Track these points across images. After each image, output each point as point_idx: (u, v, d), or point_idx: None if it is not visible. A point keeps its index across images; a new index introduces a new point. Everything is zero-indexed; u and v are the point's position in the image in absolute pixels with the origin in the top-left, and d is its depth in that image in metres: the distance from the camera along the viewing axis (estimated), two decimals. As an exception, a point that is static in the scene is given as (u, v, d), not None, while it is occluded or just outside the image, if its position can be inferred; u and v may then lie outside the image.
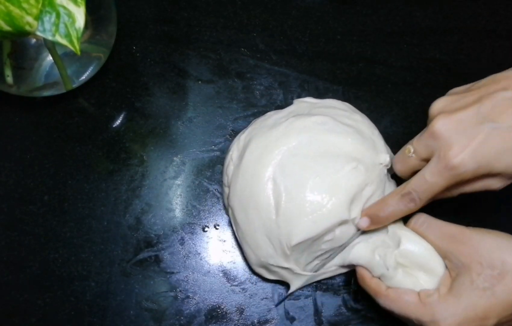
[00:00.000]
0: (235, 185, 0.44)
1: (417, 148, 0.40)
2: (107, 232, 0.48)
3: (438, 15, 0.57)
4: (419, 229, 0.41)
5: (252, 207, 0.42)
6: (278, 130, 0.43)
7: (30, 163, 0.49)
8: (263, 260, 0.43)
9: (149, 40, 0.54)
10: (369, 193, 0.42)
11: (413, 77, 0.54)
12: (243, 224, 0.43)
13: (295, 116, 0.44)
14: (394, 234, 0.42)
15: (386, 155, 0.44)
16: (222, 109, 0.52)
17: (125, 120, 0.51)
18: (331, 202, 0.40)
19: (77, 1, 0.39)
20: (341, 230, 0.41)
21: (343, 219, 0.41)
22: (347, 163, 0.42)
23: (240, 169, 0.43)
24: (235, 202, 0.44)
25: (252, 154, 0.43)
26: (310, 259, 0.43)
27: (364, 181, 0.42)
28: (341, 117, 0.45)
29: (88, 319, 0.45)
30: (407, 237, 0.41)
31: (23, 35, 0.38)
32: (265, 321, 0.46)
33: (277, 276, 0.45)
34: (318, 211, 0.40)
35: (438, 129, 0.38)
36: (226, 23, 0.55)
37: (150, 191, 0.49)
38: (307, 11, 0.56)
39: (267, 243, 0.42)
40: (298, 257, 0.42)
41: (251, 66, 0.54)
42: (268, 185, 0.42)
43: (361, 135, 0.44)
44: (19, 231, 0.47)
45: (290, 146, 0.42)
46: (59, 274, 0.46)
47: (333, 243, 0.42)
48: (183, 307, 0.46)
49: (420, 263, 0.41)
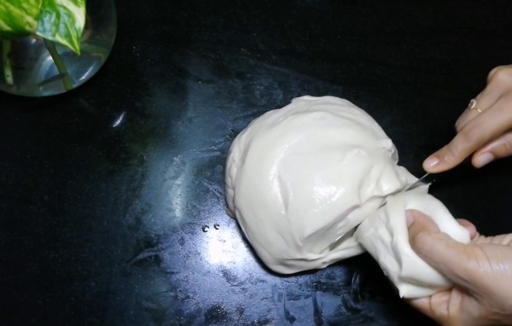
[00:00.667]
0: (239, 186, 0.44)
1: (480, 99, 0.43)
2: (107, 232, 0.48)
3: (438, 15, 0.57)
4: (421, 254, 0.37)
5: (259, 206, 0.43)
6: (278, 129, 0.44)
7: (30, 163, 0.49)
8: (278, 256, 0.44)
9: (149, 40, 0.54)
10: (377, 173, 0.42)
11: (413, 77, 0.54)
12: (252, 224, 0.44)
13: (294, 114, 0.45)
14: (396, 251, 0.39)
15: (388, 140, 0.44)
16: (222, 109, 0.52)
17: (125, 120, 0.51)
18: (339, 191, 0.41)
19: (77, 1, 0.39)
20: (353, 214, 0.42)
21: (354, 205, 0.41)
22: (348, 151, 0.42)
23: (244, 170, 0.44)
24: (242, 203, 0.44)
25: (254, 155, 0.43)
26: (324, 246, 0.44)
27: (369, 164, 0.42)
28: (340, 112, 0.45)
29: (88, 319, 0.45)
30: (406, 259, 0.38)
31: (23, 35, 0.38)
32: (265, 321, 0.46)
33: (295, 269, 0.45)
34: (327, 201, 0.41)
35: (501, 78, 0.42)
36: (226, 23, 0.55)
37: (150, 191, 0.49)
38: (307, 11, 0.56)
39: (279, 239, 0.43)
40: (311, 246, 0.43)
41: (251, 66, 0.54)
42: (274, 183, 0.42)
43: (361, 127, 0.44)
44: (19, 231, 0.47)
45: (291, 143, 0.43)
46: (59, 274, 0.46)
47: (348, 228, 0.43)
48: (183, 307, 0.46)
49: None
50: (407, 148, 0.51)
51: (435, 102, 0.53)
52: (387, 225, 0.39)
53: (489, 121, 0.41)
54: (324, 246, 0.44)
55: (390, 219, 0.39)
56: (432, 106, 0.53)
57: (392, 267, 0.39)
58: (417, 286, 0.39)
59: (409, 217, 0.39)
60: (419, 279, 0.38)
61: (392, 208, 0.40)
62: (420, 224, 0.38)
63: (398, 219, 0.39)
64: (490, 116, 0.41)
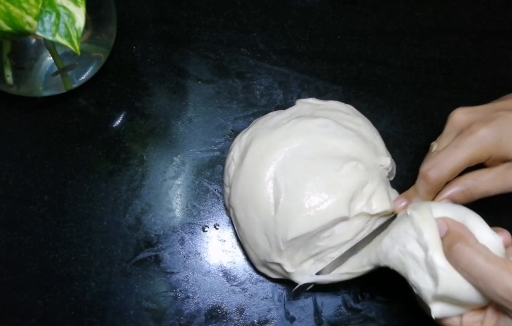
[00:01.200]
0: (236, 184, 0.44)
1: (440, 141, 0.43)
2: (107, 232, 0.48)
3: (438, 15, 0.57)
4: (459, 267, 0.35)
5: (252, 206, 0.43)
6: (281, 132, 0.44)
7: (30, 162, 0.49)
8: (262, 258, 0.44)
9: (149, 40, 0.54)
10: (370, 190, 0.42)
11: (413, 77, 0.54)
12: (243, 223, 0.44)
13: (297, 118, 0.44)
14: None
15: (387, 158, 0.44)
16: (222, 109, 0.52)
17: (125, 120, 0.51)
18: (330, 200, 0.41)
19: (77, 1, 0.39)
20: (340, 227, 0.41)
21: (342, 216, 0.41)
22: (346, 163, 0.42)
23: (242, 169, 0.43)
24: (236, 201, 0.44)
25: (253, 155, 0.43)
26: (305, 256, 0.43)
27: (365, 179, 0.42)
28: (343, 121, 0.45)
29: (88, 319, 0.45)
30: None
31: (23, 35, 0.38)
32: (265, 321, 0.46)
33: (277, 275, 0.45)
34: (317, 207, 0.41)
35: (457, 117, 0.42)
36: (226, 23, 0.55)
37: (150, 191, 0.49)
38: (307, 11, 0.56)
39: (265, 240, 0.43)
40: (293, 253, 0.42)
41: (251, 66, 0.54)
42: (269, 184, 0.42)
43: (362, 139, 0.44)
44: (19, 231, 0.47)
45: (292, 147, 0.43)
46: (59, 274, 0.46)
47: (331, 241, 0.42)
48: (183, 307, 0.46)
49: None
50: (407, 148, 0.51)
51: (435, 102, 0.53)
52: (420, 240, 0.36)
53: (446, 161, 0.40)
54: (304, 257, 0.43)
55: (424, 233, 0.36)
56: (432, 106, 0.53)
57: (425, 284, 0.36)
58: (449, 304, 0.36)
59: (442, 226, 0.36)
60: (454, 296, 0.35)
61: (422, 221, 0.37)
62: (456, 234, 0.35)
63: (431, 231, 0.36)
64: (446, 155, 0.40)
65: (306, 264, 0.43)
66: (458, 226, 0.36)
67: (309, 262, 0.43)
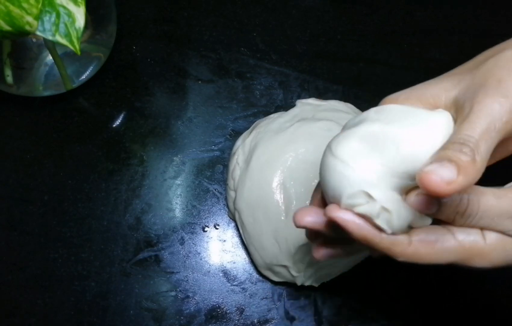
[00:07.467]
0: (242, 188, 0.44)
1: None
2: (107, 232, 0.48)
3: (438, 15, 0.57)
4: None
5: (260, 210, 0.43)
6: (285, 136, 0.44)
7: (30, 162, 0.49)
8: (268, 261, 0.44)
9: (149, 40, 0.54)
10: None
11: (413, 77, 0.54)
12: (250, 227, 0.44)
13: (300, 121, 0.45)
14: None
15: None
16: (222, 109, 0.52)
17: (125, 120, 0.51)
18: None
19: (77, 1, 0.39)
20: None
21: None
22: None
23: (248, 174, 0.44)
24: (243, 205, 0.44)
25: (259, 160, 0.44)
26: (305, 264, 0.43)
27: None
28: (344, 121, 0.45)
29: (88, 319, 0.45)
30: None
31: (23, 35, 0.38)
32: (265, 321, 0.46)
33: (281, 278, 0.45)
34: None
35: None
36: (226, 23, 0.55)
37: (150, 191, 0.49)
38: (307, 11, 0.56)
39: (273, 244, 0.43)
40: (302, 257, 0.43)
41: (251, 66, 0.54)
42: (277, 189, 0.43)
43: None
44: (19, 231, 0.47)
45: (297, 152, 0.44)
46: (59, 274, 0.46)
47: None
48: (183, 307, 0.46)
49: None
50: (407, 148, 0.51)
51: (435, 102, 0.53)
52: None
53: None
54: (304, 264, 0.43)
55: None
56: (432, 106, 0.53)
57: None
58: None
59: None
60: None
61: None
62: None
63: None
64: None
65: (312, 268, 0.44)
66: None
67: (315, 266, 0.44)
